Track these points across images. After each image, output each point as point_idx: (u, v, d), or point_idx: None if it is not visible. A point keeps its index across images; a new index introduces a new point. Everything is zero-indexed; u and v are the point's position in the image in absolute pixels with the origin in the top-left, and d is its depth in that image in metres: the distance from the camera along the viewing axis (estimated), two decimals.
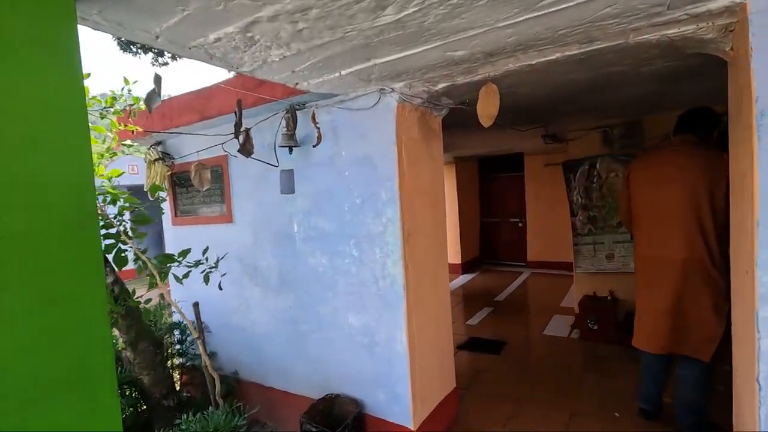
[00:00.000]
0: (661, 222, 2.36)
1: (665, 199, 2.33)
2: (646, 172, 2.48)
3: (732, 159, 1.86)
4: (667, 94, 3.05)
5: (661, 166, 2.40)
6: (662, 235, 2.35)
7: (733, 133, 1.84)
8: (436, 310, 2.65)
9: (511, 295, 6.13)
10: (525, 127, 4.02)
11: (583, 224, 4.40)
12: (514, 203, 8.00)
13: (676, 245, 2.29)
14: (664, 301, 2.33)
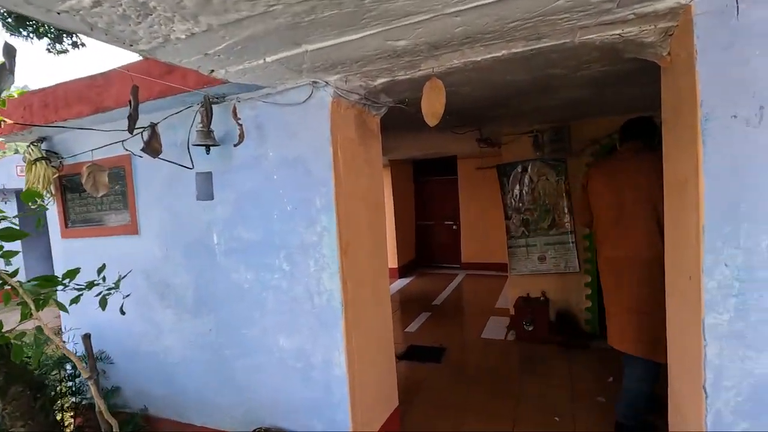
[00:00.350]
0: (622, 225, 2.43)
1: (625, 204, 2.41)
2: (603, 179, 2.56)
3: (668, 163, 1.89)
4: (595, 100, 3.14)
5: (618, 173, 2.49)
6: (625, 237, 2.41)
7: (669, 138, 1.86)
8: (378, 326, 2.45)
9: (448, 298, 6.14)
10: (462, 129, 3.98)
11: (517, 227, 4.48)
12: (449, 206, 8.10)
13: (638, 246, 2.35)
14: (630, 299, 2.40)
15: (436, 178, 8.24)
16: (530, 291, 4.45)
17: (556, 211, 4.28)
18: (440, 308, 5.65)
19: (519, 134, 4.39)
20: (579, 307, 4.29)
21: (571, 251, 4.24)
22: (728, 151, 1.39)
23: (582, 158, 4.16)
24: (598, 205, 2.60)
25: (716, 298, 1.44)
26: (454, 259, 8.10)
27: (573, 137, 4.15)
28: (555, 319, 4.33)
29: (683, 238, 1.64)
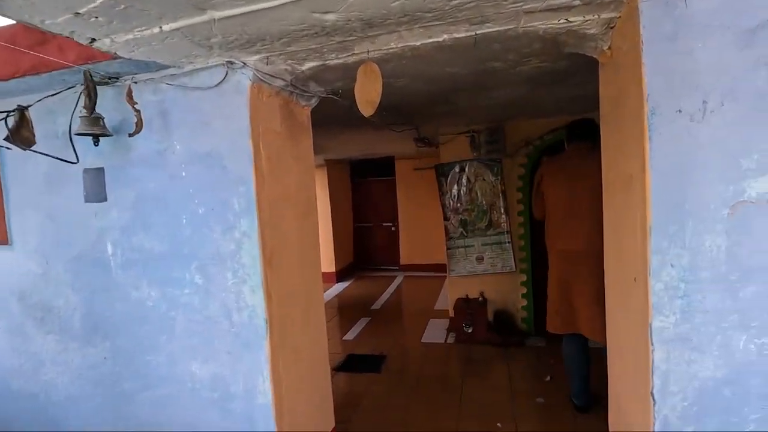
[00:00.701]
0: (576, 220, 2.56)
1: (577, 200, 2.54)
2: (558, 176, 2.69)
3: (608, 161, 1.85)
4: (529, 100, 3.14)
5: (571, 171, 2.64)
6: (579, 232, 2.54)
7: (608, 135, 1.82)
8: (310, 343, 2.19)
9: (388, 301, 5.99)
10: (399, 127, 3.83)
11: (455, 228, 4.43)
12: (387, 207, 7.99)
13: (591, 240, 2.41)
14: (591, 292, 2.49)
15: (374, 178, 8.09)
16: (469, 292, 4.42)
17: (493, 212, 4.29)
18: (380, 312, 5.48)
19: (456, 134, 4.34)
20: (515, 306, 4.33)
21: (507, 251, 4.26)
22: (674, 147, 1.33)
23: (516, 159, 4.21)
24: (553, 200, 2.70)
25: (663, 301, 1.38)
26: (393, 261, 7.99)
27: (508, 138, 4.18)
28: (493, 319, 4.33)
29: (627, 238, 1.59)
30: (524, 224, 4.24)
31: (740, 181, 1.29)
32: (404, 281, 7.20)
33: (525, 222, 4.23)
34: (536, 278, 4.30)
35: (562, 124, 4.00)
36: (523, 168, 4.19)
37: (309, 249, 2.25)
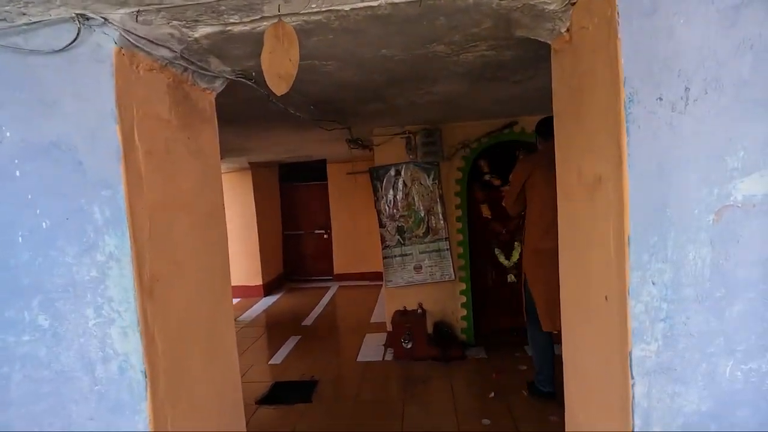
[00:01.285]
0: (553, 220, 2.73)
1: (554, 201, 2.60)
2: (544, 172, 2.70)
3: (564, 163, 1.64)
4: (468, 98, 2.94)
5: (547, 170, 2.68)
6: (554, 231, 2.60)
7: (566, 134, 1.60)
8: (215, 392, 1.72)
9: (320, 316, 5.54)
10: (330, 125, 3.46)
11: (392, 235, 4.14)
12: (319, 214, 7.53)
13: None
14: (552, 287, 2.56)
15: (305, 183, 7.60)
16: (407, 303, 4.15)
17: (431, 218, 4.07)
18: (311, 329, 5.02)
19: (391, 136, 4.07)
20: (455, 316, 4.13)
21: (446, 259, 4.06)
22: (654, 142, 1.11)
23: (454, 162, 4.03)
24: (541, 198, 2.74)
25: (644, 325, 1.15)
26: (326, 271, 7.54)
27: (445, 141, 3.99)
28: (433, 331, 4.10)
29: (594, 251, 1.36)
30: (463, 230, 4.06)
31: (726, 183, 1.10)
32: (338, 292, 6.79)
33: (464, 228, 4.06)
34: (475, 286, 4.15)
35: (499, 126, 3.91)
36: (461, 172, 4.02)
37: (214, 267, 1.79)
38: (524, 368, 3.48)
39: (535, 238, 2.85)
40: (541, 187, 2.75)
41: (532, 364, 3.52)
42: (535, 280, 2.84)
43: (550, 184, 2.68)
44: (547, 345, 2.95)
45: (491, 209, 4.05)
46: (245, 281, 6.63)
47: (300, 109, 2.73)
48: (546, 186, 2.71)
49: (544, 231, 2.73)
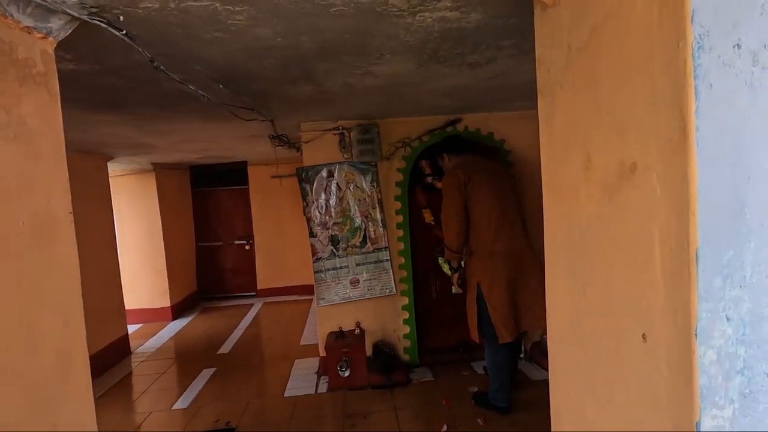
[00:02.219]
0: (507, 220, 2.73)
1: (504, 201, 2.76)
2: (478, 176, 2.74)
3: (561, 150, 1.27)
4: (410, 88, 2.54)
5: (485, 172, 2.80)
6: (513, 232, 2.73)
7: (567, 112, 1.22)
8: None
9: (241, 340, 4.79)
10: (247, 116, 2.84)
11: (324, 246, 3.60)
12: (240, 222, 6.71)
13: (524, 239, 2.78)
14: (510, 288, 2.68)
15: (223, 188, 6.73)
16: (343, 323, 3.63)
17: (369, 225, 3.60)
18: (229, 358, 4.27)
19: (322, 131, 3.54)
20: (397, 335, 3.70)
21: (387, 271, 3.62)
22: (728, 111, 0.76)
23: (393, 162, 3.61)
24: (486, 203, 2.70)
25: (716, 381, 0.79)
26: (248, 286, 6.73)
27: (383, 138, 3.56)
28: (373, 353, 3.62)
29: (622, 269, 0.98)
30: (404, 238, 3.65)
31: None
32: (263, 310, 6.04)
33: (405, 235, 3.66)
34: (418, 300, 3.76)
35: (442, 123, 3.57)
36: (401, 173, 3.62)
37: (51, 304, 1.14)
38: (475, 389, 3.14)
39: (487, 241, 2.72)
40: (485, 189, 2.72)
41: (483, 382, 3.22)
42: (492, 285, 2.67)
43: (492, 184, 2.74)
44: (507, 360, 2.81)
45: (434, 214, 3.69)
46: (148, 303, 5.62)
47: (203, 88, 2.11)
48: (487, 191, 2.71)
49: (494, 233, 2.71)
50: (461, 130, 3.60)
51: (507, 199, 2.76)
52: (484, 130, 3.62)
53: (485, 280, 2.69)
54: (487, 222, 2.72)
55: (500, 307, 2.65)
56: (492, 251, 2.70)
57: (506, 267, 2.68)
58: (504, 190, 2.78)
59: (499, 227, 2.71)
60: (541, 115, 1.32)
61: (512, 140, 3.65)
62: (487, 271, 2.69)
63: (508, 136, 3.64)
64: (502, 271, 2.67)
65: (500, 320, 2.64)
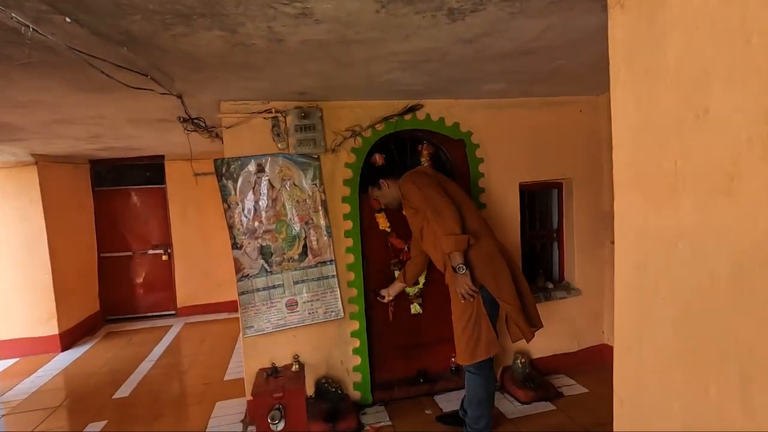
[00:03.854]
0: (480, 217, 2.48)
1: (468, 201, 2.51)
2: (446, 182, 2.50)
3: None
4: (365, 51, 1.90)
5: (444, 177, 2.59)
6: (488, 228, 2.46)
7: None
8: None
9: (147, 377, 3.82)
10: (139, 82, 2.02)
11: (252, 260, 2.83)
12: (155, 227, 5.65)
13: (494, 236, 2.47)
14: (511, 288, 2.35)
15: (134, 187, 5.63)
16: (276, 357, 2.87)
17: (311, 233, 2.89)
18: (127, 405, 3.33)
19: (248, 114, 2.78)
20: (345, 367, 3.01)
21: (332, 289, 2.92)
22: None
23: (340, 155, 2.93)
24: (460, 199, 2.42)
25: None
26: (166, 304, 5.68)
27: (327, 125, 2.88)
28: (315, 393, 2.91)
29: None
30: (354, 249, 2.98)
31: None
32: (183, 333, 5.06)
33: (356, 245, 2.99)
34: (371, 323, 3.10)
35: (399, 109, 2.96)
36: (351, 169, 2.95)
37: None
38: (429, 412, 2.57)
39: (477, 236, 2.34)
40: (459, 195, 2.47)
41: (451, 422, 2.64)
42: (499, 280, 2.33)
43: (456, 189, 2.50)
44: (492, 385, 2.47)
45: (390, 219, 3.06)
46: (28, 332, 4.45)
47: (36, 21, 1.31)
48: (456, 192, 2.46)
49: (480, 228, 2.40)
50: (422, 118, 3.01)
51: (470, 200, 2.57)
52: (449, 119, 3.06)
53: (489, 277, 2.31)
54: (469, 217, 2.38)
55: (515, 302, 2.34)
56: (485, 246, 2.36)
57: (505, 260, 2.40)
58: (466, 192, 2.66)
59: (478, 233, 2.37)
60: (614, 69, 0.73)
61: (481, 133, 3.12)
62: (488, 267, 2.33)
63: (475, 128, 3.11)
64: (503, 265, 2.36)
65: (521, 317, 2.36)
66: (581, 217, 3.36)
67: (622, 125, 0.73)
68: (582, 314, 3.40)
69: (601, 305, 3.44)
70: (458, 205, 2.33)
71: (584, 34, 1.90)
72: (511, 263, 2.42)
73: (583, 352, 3.42)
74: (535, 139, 3.22)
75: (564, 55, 2.18)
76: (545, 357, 3.34)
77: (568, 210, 3.42)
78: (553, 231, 3.54)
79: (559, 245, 3.54)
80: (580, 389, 3.08)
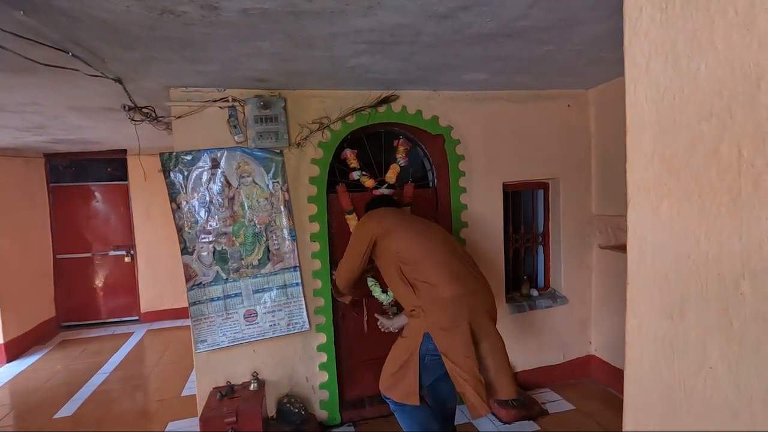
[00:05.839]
0: (449, 263, 2.06)
1: (438, 244, 2.12)
2: (400, 225, 2.16)
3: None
4: (315, 27, 1.62)
5: (406, 216, 2.33)
6: (461, 273, 2.05)
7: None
8: None
9: (96, 393, 3.47)
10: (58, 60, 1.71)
11: (206, 266, 2.53)
12: (117, 227, 5.27)
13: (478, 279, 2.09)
14: (465, 347, 1.90)
15: (94, 184, 5.23)
16: (233, 375, 2.58)
17: (272, 236, 2.60)
18: (69, 426, 2.99)
19: (201, 103, 2.47)
20: (311, 385, 2.73)
21: (297, 299, 2.64)
22: None
23: (306, 150, 2.64)
24: (408, 251, 2.07)
25: None
26: (128, 309, 5.30)
27: (291, 117, 2.59)
28: (277, 413, 2.62)
29: None
30: (321, 254, 2.70)
31: None
32: (145, 340, 4.71)
33: (323, 250, 2.70)
34: (340, 335, 2.83)
35: (372, 100, 2.68)
36: (318, 166, 2.67)
37: None
38: None
39: (426, 290, 1.99)
40: (405, 240, 2.11)
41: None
42: (450, 333, 1.91)
43: (414, 233, 2.15)
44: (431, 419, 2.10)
45: None
46: None
47: None
48: (410, 237, 2.12)
49: (432, 285, 1.99)
50: (398, 111, 2.74)
51: (446, 240, 2.17)
52: (427, 112, 2.80)
53: (438, 328, 1.92)
54: (429, 269, 2.01)
55: (465, 364, 1.86)
56: (445, 292, 1.95)
57: (469, 314, 1.95)
58: (441, 232, 2.23)
59: (452, 269, 2.02)
60: None
61: (462, 127, 2.86)
62: (440, 315, 1.93)
63: (456, 122, 2.85)
64: (462, 319, 1.92)
65: (476, 385, 1.84)
66: (568, 220, 3.14)
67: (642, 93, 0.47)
68: (568, 324, 3.18)
69: (588, 314, 3.23)
70: (413, 260, 2.02)
71: (575, 12, 1.66)
72: (480, 315, 1.97)
73: (569, 363, 3.20)
74: (519, 136, 2.98)
75: (552, 38, 1.93)
76: (529, 370, 3.11)
77: (555, 212, 3.20)
78: (538, 235, 3.31)
79: (544, 250, 3.31)
80: (566, 405, 2.86)
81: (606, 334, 3.13)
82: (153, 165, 4.66)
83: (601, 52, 2.20)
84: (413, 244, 2.06)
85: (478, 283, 2.04)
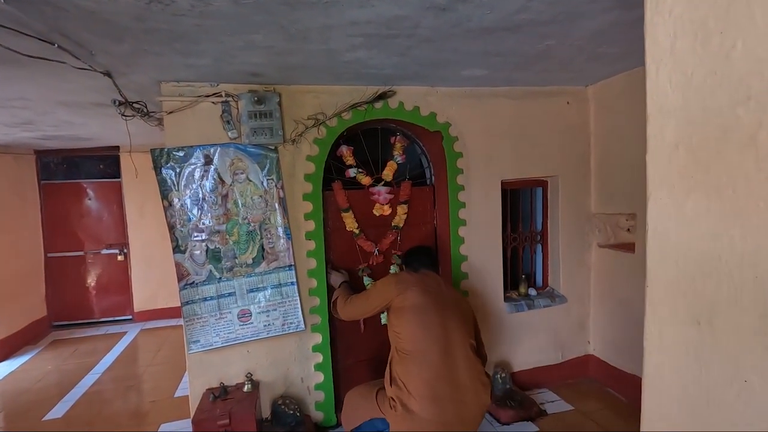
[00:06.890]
0: (436, 379, 1.92)
1: (437, 344, 1.98)
2: (413, 308, 2.02)
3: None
4: (311, 19, 1.57)
5: (429, 295, 2.07)
6: (437, 397, 1.89)
7: None
8: None
9: (87, 394, 3.41)
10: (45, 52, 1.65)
11: (199, 265, 2.48)
12: (110, 225, 5.19)
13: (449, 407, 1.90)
14: None
15: (86, 181, 5.16)
16: (226, 376, 2.53)
17: (266, 234, 2.55)
18: (59, 428, 2.93)
19: (194, 98, 2.41)
20: (306, 386, 2.68)
21: (292, 299, 2.59)
22: None
23: (302, 146, 2.59)
24: (407, 340, 1.98)
25: None
26: (122, 308, 5.24)
27: (286, 112, 2.54)
28: (272, 415, 2.58)
29: None
30: (317, 253, 2.65)
31: None
32: (138, 340, 4.64)
33: (318, 248, 2.66)
34: (336, 335, 2.79)
35: (369, 96, 2.63)
36: (313, 163, 2.62)
37: None
38: None
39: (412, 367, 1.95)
40: (419, 316, 2.00)
41: None
42: None
43: (435, 309, 2.03)
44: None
45: (359, 220, 2.75)
46: None
47: None
48: (428, 314, 2.01)
49: (432, 399, 1.89)
50: (395, 107, 2.70)
51: (447, 327, 2.00)
52: (425, 109, 2.75)
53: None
54: (423, 366, 1.93)
55: None
56: (412, 407, 1.88)
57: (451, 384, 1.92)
58: (445, 316, 2.02)
59: (434, 382, 1.91)
60: None
61: (460, 124, 2.82)
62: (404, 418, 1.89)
63: (454, 119, 2.81)
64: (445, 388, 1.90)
65: None
66: (567, 219, 3.11)
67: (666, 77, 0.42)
68: (567, 323, 3.15)
69: (587, 314, 3.20)
70: (407, 351, 1.95)
71: (575, 5, 1.62)
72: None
73: (567, 363, 3.17)
74: (518, 133, 2.94)
75: (553, 33, 1.89)
76: (527, 370, 3.08)
77: (553, 210, 3.16)
78: (536, 233, 3.27)
79: (543, 249, 3.28)
80: (565, 406, 2.83)
81: (605, 334, 3.10)
82: (146, 162, 4.60)
83: (602, 47, 2.16)
84: (413, 338, 1.96)
85: (462, 405, 1.90)
